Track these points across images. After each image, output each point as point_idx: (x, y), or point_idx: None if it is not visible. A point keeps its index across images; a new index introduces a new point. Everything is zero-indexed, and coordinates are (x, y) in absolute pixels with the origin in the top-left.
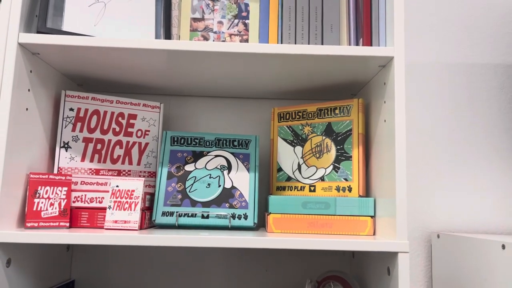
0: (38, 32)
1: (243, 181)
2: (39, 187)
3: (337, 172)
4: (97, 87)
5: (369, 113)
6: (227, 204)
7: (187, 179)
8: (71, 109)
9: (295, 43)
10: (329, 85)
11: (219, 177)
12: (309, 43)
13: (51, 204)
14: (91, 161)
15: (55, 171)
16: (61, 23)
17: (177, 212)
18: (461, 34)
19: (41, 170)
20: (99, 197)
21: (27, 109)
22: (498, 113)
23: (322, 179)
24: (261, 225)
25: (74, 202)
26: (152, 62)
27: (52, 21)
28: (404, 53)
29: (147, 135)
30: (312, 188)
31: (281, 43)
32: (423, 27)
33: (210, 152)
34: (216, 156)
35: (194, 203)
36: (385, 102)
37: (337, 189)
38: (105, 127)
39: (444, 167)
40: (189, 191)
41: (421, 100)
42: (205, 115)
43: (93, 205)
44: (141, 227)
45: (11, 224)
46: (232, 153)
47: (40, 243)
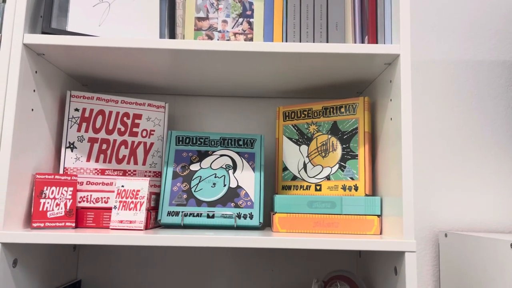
0: (43, 32)
1: (248, 180)
2: (45, 188)
3: (343, 171)
4: (102, 87)
5: (375, 111)
6: (232, 203)
7: (192, 178)
8: (76, 110)
9: (300, 42)
10: (335, 84)
11: (224, 176)
12: (314, 41)
13: (57, 204)
14: (97, 161)
15: (61, 171)
16: (66, 23)
17: (182, 211)
18: (467, 31)
19: (47, 170)
20: (104, 197)
21: (32, 109)
22: (505, 111)
23: (328, 178)
24: (266, 224)
25: (79, 202)
26: (156, 61)
27: (56, 22)
28: (410, 50)
29: (152, 135)
30: (318, 187)
31: (286, 42)
32: (429, 24)
33: (215, 151)
34: (221, 155)
35: (199, 203)
36: (391, 100)
37: (343, 188)
38: (110, 127)
39: (451, 166)
40: (195, 191)
41: (428, 98)
42: (210, 114)
43: (99, 205)
44: (146, 227)
45: (17, 224)
46: (237, 153)
47: (46, 243)
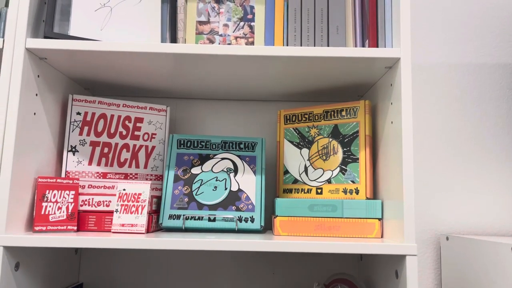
0: (45, 37)
1: (249, 183)
2: (47, 191)
3: (344, 174)
4: (103, 91)
5: (376, 114)
6: (233, 207)
7: (194, 182)
8: (78, 113)
9: (301, 45)
10: (335, 87)
11: (226, 180)
12: (315, 45)
13: (59, 207)
14: (98, 164)
15: (63, 175)
16: (68, 28)
17: (183, 215)
18: (469, 34)
19: (49, 174)
20: (106, 201)
21: (35, 113)
22: (507, 114)
23: (329, 181)
24: (268, 228)
25: (81, 205)
26: (158, 65)
27: (59, 26)
28: (410, 54)
29: (154, 138)
30: (319, 190)
31: (287, 45)
32: (430, 27)
33: (216, 155)
34: (222, 159)
35: (200, 206)
36: (392, 103)
37: (344, 191)
38: (112, 130)
39: (452, 169)
40: (196, 194)
41: (429, 101)
42: (211, 118)
43: (100, 208)
44: (148, 231)
45: (19, 228)
46: (238, 156)
47: (48, 246)
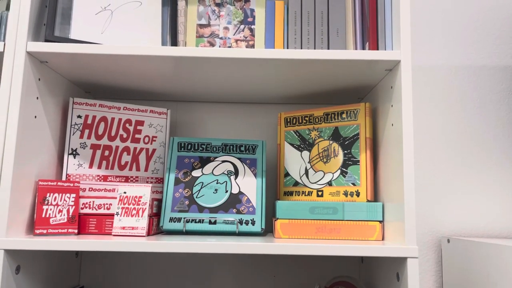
0: (46, 40)
1: (250, 186)
2: (48, 194)
3: (344, 176)
4: (104, 94)
5: (376, 117)
6: (234, 209)
7: (194, 184)
8: (79, 116)
9: (301, 48)
10: (336, 90)
11: (226, 182)
12: (315, 48)
13: (60, 211)
14: (99, 167)
15: (64, 178)
16: (69, 31)
17: (184, 218)
18: (469, 36)
19: (50, 177)
20: (107, 204)
21: (35, 116)
22: (507, 116)
23: (329, 184)
24: (268, 230)
25: (82, 208)
26: (158, 68)
27: (59, 30)
28: (410, 56)
29: (154, 141)
30: (319, 193)
31: (287, 48)
32: (431, 29)
33: (217, 157)
34: (223, 161)
35: (201, 209)
36: (392, 106)
37: (345, 193)
38: (113, 133)
39: (453, 171)
40: (196, 197)
41: (429, 103)
42: (212, 120)
43: (101, 211)
44: (148, 233)
45: (20, 231)
46: (239, 159)
47: (49, 250)
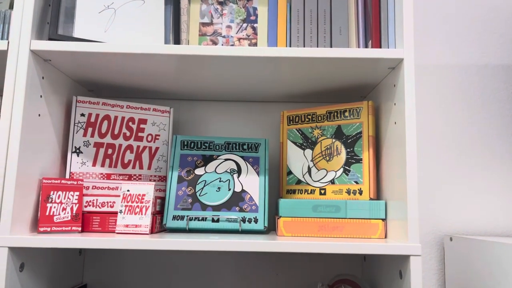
0: (49, 39)
1: (253, 184)
2: (52, 192)
3: (347, 175)
4: (107, 92)
5: (379, 115)
6: (237, 207)
7: (197, 183)
8: (82, 115)
9: (304, 46)
10: (339, 88)
11: (229, 180)
12: (317, 46)
13: (63, 208)
14: (102, 165)
15: (67, 176)
16: (72, 29)
17: (187, 216)
18: (472, 35)
19: (53, 175)
20: (110, 202)
21: (39, 115)
22: (510, 114)
23: (332, 182)
24: (271, 228)
25: (85, 206)
26: (161, 67)
27: (63, 28)
28: (413, 54)
29: (157, 139)
30: (322, 191)
31: (290, 46)
32: (434, 28)
33: (220, 156)
34: (225, 159)
35: (204, 207)
36: (395, 104)
37: (348, 192)
38: (116, 132)
39: (456, 169)
40: (199, 195)
41: (432, 101)
42: (215, 119)
43: (105, 209)
44: (152, 231)
45: (24, 228)
46: (241, 157)
47: (52, 247)
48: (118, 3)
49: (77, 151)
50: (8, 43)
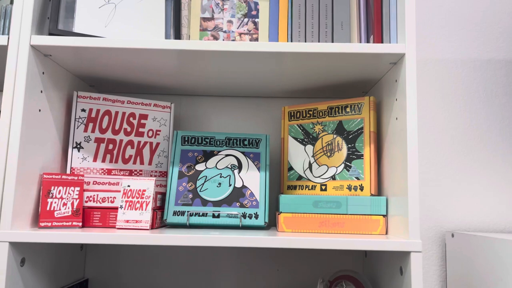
0: (50, 34)
1: (253, 180)
2: (52, 187)
3: (348, 170)
4: (108, 87)
5: (381, 111)
6: (237, 203)
7: (198, 178)
8: (83, 110)
9: (305, 41)
10: (340, 83)
11: (230, 176)
12: (319, 41)
13: (64, 204)
14: (103, 161)
15: (68, 171)
16: (73, 24)
17: (188, 211)
18: (474, 30)
19: (54, 170)
20: (111, 197)
21: (40, 110)
22: None
23: (333, 178)
24: (272, 224)
25: (86, 202)
26: (162, 62)
27: (63, 23)
28: (415, 50)
29: (158, 135)
30: (323, 187)
31: (291, 41)
32: (436, 23)
33: (220, 151)
34: (226, 155)
35: (205, 203)
36: (396, 99)
37: (349, 188)
38: (117, 127)
39: (458, 165)
40: (200, 191)
41: (434, 97)
42: (216, 114)
43: (105, 204)
44: (152, 227)
45: (25, 224)
46: (242, 152)
47: (53, 242)
48: None
49: (78, 146)
50: (8, 38)
